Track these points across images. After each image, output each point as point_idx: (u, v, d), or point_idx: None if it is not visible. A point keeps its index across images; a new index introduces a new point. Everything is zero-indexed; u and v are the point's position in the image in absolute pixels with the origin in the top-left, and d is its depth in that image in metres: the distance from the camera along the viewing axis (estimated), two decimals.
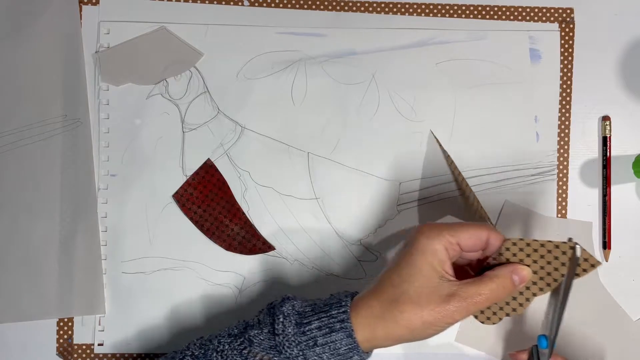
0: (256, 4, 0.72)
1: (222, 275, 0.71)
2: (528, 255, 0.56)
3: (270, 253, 0.72)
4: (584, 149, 0.73)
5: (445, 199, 0.72)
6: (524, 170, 0.73)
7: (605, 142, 0.73)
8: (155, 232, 0.71)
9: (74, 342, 0.72)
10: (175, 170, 0.71)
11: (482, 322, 0.59)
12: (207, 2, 0.72)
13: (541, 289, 0.58)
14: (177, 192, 0.71)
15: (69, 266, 0.71)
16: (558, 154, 0.73)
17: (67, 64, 0.71)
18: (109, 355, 0.71)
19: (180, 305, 0.71)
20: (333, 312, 0.55)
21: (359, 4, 0.73)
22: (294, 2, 0.72)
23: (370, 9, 0.73)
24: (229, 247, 0.71)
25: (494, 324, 0.59)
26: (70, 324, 0.71)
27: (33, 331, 0.71)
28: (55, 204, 0.71)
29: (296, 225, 0.72)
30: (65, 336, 0.72)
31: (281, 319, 0.56)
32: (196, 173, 0.71)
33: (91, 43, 0.72)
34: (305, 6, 0.73)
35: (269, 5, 0.72)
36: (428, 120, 0.73)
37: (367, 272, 0.72)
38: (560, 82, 0.73)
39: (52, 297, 0.71)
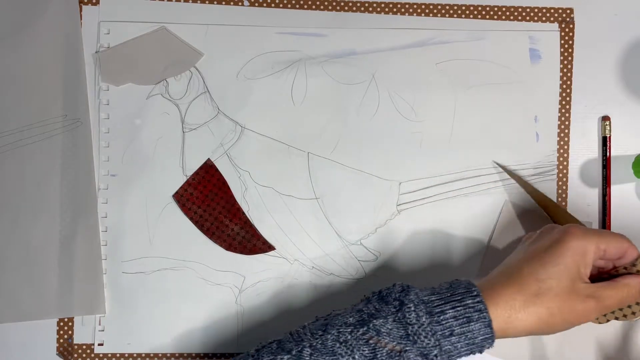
0: (256, 4, 0.72)
1: (222, 275, 0.71)
2: None
3: (270, 253, 0.72)
4: (584, 149, 0.73)
5: (445, 199, 0.72)
6: (524, 170, 0.73)
7: (605, 142, 0.73)
8: (156, 232, 0.71)
9: (74, 342, 0.72)
10: (175, 170, 0.71)
11: (592, 321, 0.61)
12: (207, 2, 0.72)
13: None
14: (177, 192, 0.71)
15: (69, 266, 0.71)
16: (558, 154, 0.73)
17: (67, 64, 0.71)
18: (109, 355, 0.71)
19: (180, 305, 0.71)
20: (468, 302, 0.56)
21: (359, 4, 0.73)
22: (294, 2, 0.72)
23: (371, 9, 0.73)
24: (229, 247, 0.71)
25: (600, 323, 0.62)
26: (70, 324, 0.71)
27: (33, 331, 0.71)
28: (55, 204, 0.71)
29: (296, 225, 0.72)
30: (65, 336, 0.72)
31: (412, 308, 0.56)
32: (196, 173, 0.71)
33: (91, 43, 0.72)
34: (305, 6, 0.73)
35: (269, 6, 0.72)
36: (428, 120, 0.73)
37: (367, 272, 0.72)
38: (560, 82, 0.73)
39: (52, 297, 0.71)
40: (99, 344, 0.71)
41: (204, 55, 0.72)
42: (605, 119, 0.73)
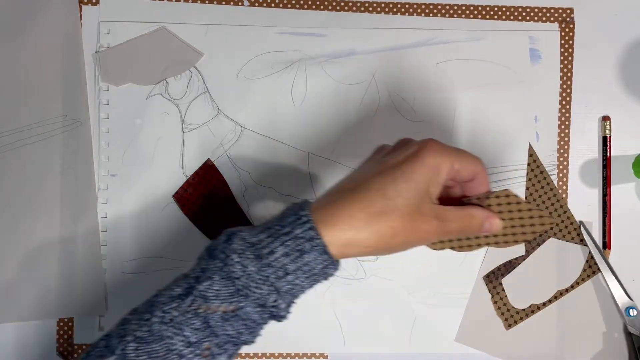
0: (256, 4, 0.72)
1: None
2: (510, 212, 0.55)
3: None
4: (584, 149, 0.73)
5: None
6: (525, 171, 0.73)
7: (605, 142, 0.73)
8: (156, 232, 0.71)
9: (74, 342, 0.72)
10: (175, 170, 0.71)
11: (428, 246, 0.57)
12: (207, 2, 0.72)
13: (497, 243, 0.57)
14: (177, 192, 0.71)
15: (69, 266, 0.71)
16: (558, 154, 0.73)
17: (67, 64, 0.71)
18: None
19: None
20: (298, 232, 0.50)
21: (358, 4, 0.73)
22: (293, 2, 0.72)
23: (371, 9, 0.73)
24: None
25: (435, 249, 0.58)
26: (70, 324, 0.72)
27: (33, 331, 0.71)
28: (55, 204, 0.71)
29: None
30: (65, 336, 0.72)
31: (236, 259, 0.50)
32: (196, 173, 0.71)
33: (91, 43, 0.72)
34: (305, 6, 0.73)
35: (269, 5, 0.72)
36: (428, 120, 0.73)
37: (367, 272, 0.72)
38: (560, 82, 0.73)
39: (53, 297, 0.71)
40: None
41: (204, 55, 0.72)
42: (606, 119, 0.73)
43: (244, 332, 0.52)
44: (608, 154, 0.73)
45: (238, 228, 0.52)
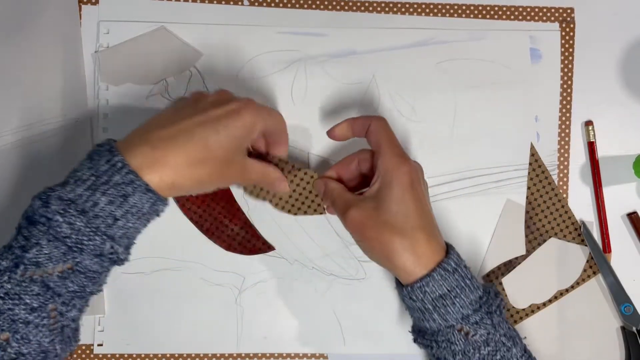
0: (256, 4, 0.72)
1: (222, 275, 0.71)
2: (303, 188, 0.68)
3: (270, 253, 0.71)
4: (585, 148, 0.73)
5: (446, 198, 0.72)
6: (525, 171, 0.73)
7: (590, 147, 0.73)
8: (155, 232, 0.70)
9: None
10: None
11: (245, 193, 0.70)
12: (207, 2, 0.72)
13: (289, 211, 0.69)
14: None
15: None
16: (558, 154, 0.73)
17: (67, 64, 0.71)
18: (109, 356, 0.71)
19: (180, 306, 0.71)
20: (116, 179, 0.53)
21: (359, 4, 0.73)
22: (293, 1, 0.72)
23: (371, 8, 0.73)
24: (228, 248, 0.71)
25: (251, 197, 0.70)
26: None
27: None
28: None
29: (296, 225, 0.72)
30: None
31: (60, 220, 0.52)
32: None
33: (91, 43, 0.72)
34: (305, 6, 0.72)
35: (268, 5, 0.72)
36: (428, 120, 0.73)
37: (367, 272, 0.72)
38: (561, 82, 0.73)
39: None
40: (99, 345, 0.71)
41: (203, 55, 0.71)
42: (588, 123, 0.73)
43: (87, 284, 0.55)
44: (596, 158, 0.73)
45: (49, 188, 0.54)
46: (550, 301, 0.72)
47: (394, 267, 0.59)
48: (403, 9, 0.73)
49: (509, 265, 0.73)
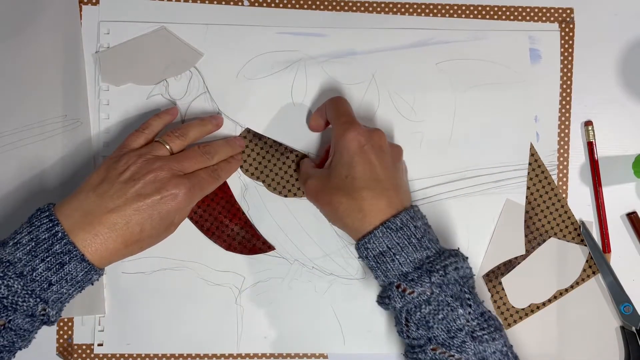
0: (256, 4, 0.72)
1: (222, 275, 0.71)
2: (284, 163, 0.72)
3: (270, 253, 0.71)
4: (584, 149, 0.73)
5: (446, 198, 0.72)
6: (525, 170, 0.73)
7: (589, 147, 0.73)
8: None
9: (74, 342, 0.72)
10: None
11: (267, 188, 0.72)
12: (207, 2, 0.72)
13: (295, 194, 0.72)
14: None
15: None
16: (558, 154, 0.73)
17: (67, 64, 0.71)
18: (109, 355, 0.71)
19: (180, 306, 0.71)
20: (56, 249, 0.56)
21: (358, 4, 0.73)
22: (293, 2, 0.72)
23: (370, 8, 0.73)
24: (229, 247, 0.71)
25: (272, 189, 0.72)
26: (70, 324, 0.71)
27: None
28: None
29: (296, 225, 0.72)
30: (65, 336, 0.72)
31: None
32: None
33: (91, 43, 0.72)
34: (305, 6, 0.73)
35: (268, 5, 0.72)
36: (428, 120, 0.73)
37: (367, 271, 0.72)
38: (560, 81, 0.73)
39: None
40: (99, 344, 0.71)
41: (204, 55, 0.71)
42: (588, 123, 0.73)
43: (17, 340, 0.58)
44: (595, 158, 0.73)
45: None
46: (549, 301, 0.73)
47: (345, 226, 0.62)
48: (403, 9, 0.73)
49: (509, 265, 0.73)
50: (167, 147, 0.64)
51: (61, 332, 0.71)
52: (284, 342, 0.72)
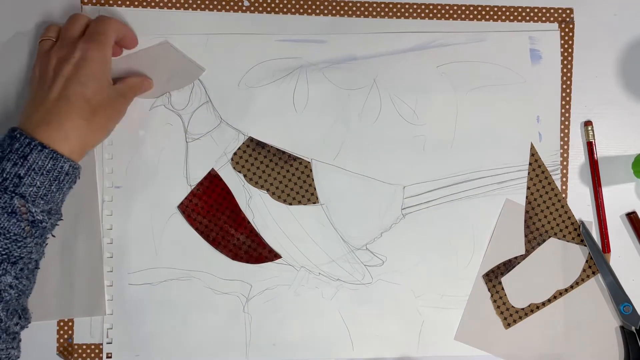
0: (256, 4, 0.71)
1: (229, 283, 0.72)
2: (287, 170, 0.72)
3: (277, 260, 0.72)
4: (584, 149, 0.74)
5: (449, 201, 0.73)
6: (527, 171, 0.73)
7: (589, 147, 0.74)
8: (161, 243, 0.71)
9: (74, 342, 0.72)
10: (179, 180, 0.71)
11: (272, 197, 0.72)
12: (207, 10, 0.71)
13: (300, 202, 0.72)
14: (182, 203, 0.71)
15: (69, 267, 0.71)
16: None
17: None
18: None
19: (188, 315, 0.71)
20: (16, 146, 0.59)
21: (358, 4, 0.72)
22: (293, 1, 0.72)
23: (370, 9, 0.72)
24: (235, 257, 0.71)
25: (276, 197, 0.72)
26: (70, 323, 0.72)
27: (33, 331, 0.70)
28: None
29: (301, 231, 0.72)
30: (66, 336, 0.72)
31: None
32: (200, 183, 0.71)
33: None
34: (301, 10, 0.72)
35: (269, 6, 0.71)
36: (430, 123, 0.73)
37: (374, 276, 0.72)
38: (560, 82, 0.74)
39: (53, 299, 0.71)
40: (108, 356, 0.71)
41: (205, 70, 0.71)
42: (588, 124, 0.73)
43: (11, 247, 0.59)
44: (595, 158, 0.73)
45: None
46: (549, 301, 0.74)
47: None
48: (403, 9, 0.73)
49: (509, 265, 0.73)
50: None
51: (61, 332, 0.72)
52: (293, 348, 0.72)
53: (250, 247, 0.71)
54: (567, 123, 0.74)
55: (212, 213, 0.71)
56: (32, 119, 0.61)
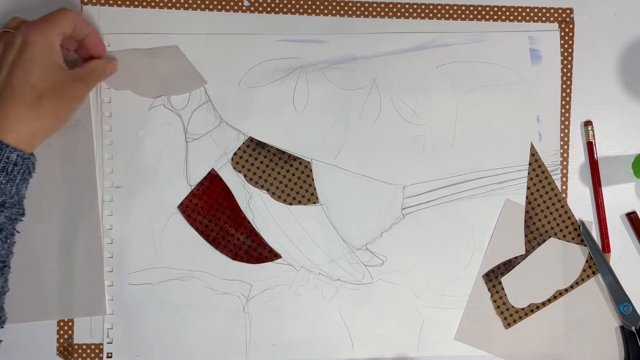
0: (256, 4, 0.71)
1: (229, 283, 0.72)
2: (287, 170, 0.71)
3: (277, 260, 0.72)
4: (584, 149, 0.74)
5: (450, 201, 0.73)
6: (527, 171, 0.73)
7: (589, 147, 0.74)
8: (161, 243, 0.71)
9: (74, 342, 0.72)
10: (179, 180, 0.71)
11: (272, 197, 0.72)
12: (207, 10, 0.71)
13: (300, 202, 0.71)
14: (182, 203, 0.71)
15: (69, 267, 0.71)
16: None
17: None
18: None
19: (188, 315, 0.72)
20: None
21: (358, 4, 0.72)
22: (291, 5, 0.72)
23: (370, 8, 0.72)
24: (235, 257, 0.71)
25: (276, 197, 0.71)
26: (70, 323, 0.72)
27: (33, 331, 0.71)
28: (56, 205, 0.70)
29: (301, 231, 0.72)
30: (66, 336, 0.72)
31: None
32: (200, 183, 0.71)
33: None
34: (301, 10, 0.72)
35: (268, 6, 0.71)
36: (430, 123, 0.73)
37: (374, 276, 0.72)
38: (560, 82, 0.74)
39: (53, 299, 0.71)
40: (108, 356, 0.71)
41: (207, 83, 0.71)
42: (588, 124, 0.73)
43: None
44: (595, 158, 0.73)
45: None
46: (549, 301, 0.74)
47: None
48: (403, 9, 0.73)
49: (509, 265, 0.74)
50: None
51: (61, 332, 0.72)
52: (293, 348, 0.72)
53: (250, 247, 0.71)
54: (567, 123, 0.74)
55: (212, 213, 0.71)
56: None
